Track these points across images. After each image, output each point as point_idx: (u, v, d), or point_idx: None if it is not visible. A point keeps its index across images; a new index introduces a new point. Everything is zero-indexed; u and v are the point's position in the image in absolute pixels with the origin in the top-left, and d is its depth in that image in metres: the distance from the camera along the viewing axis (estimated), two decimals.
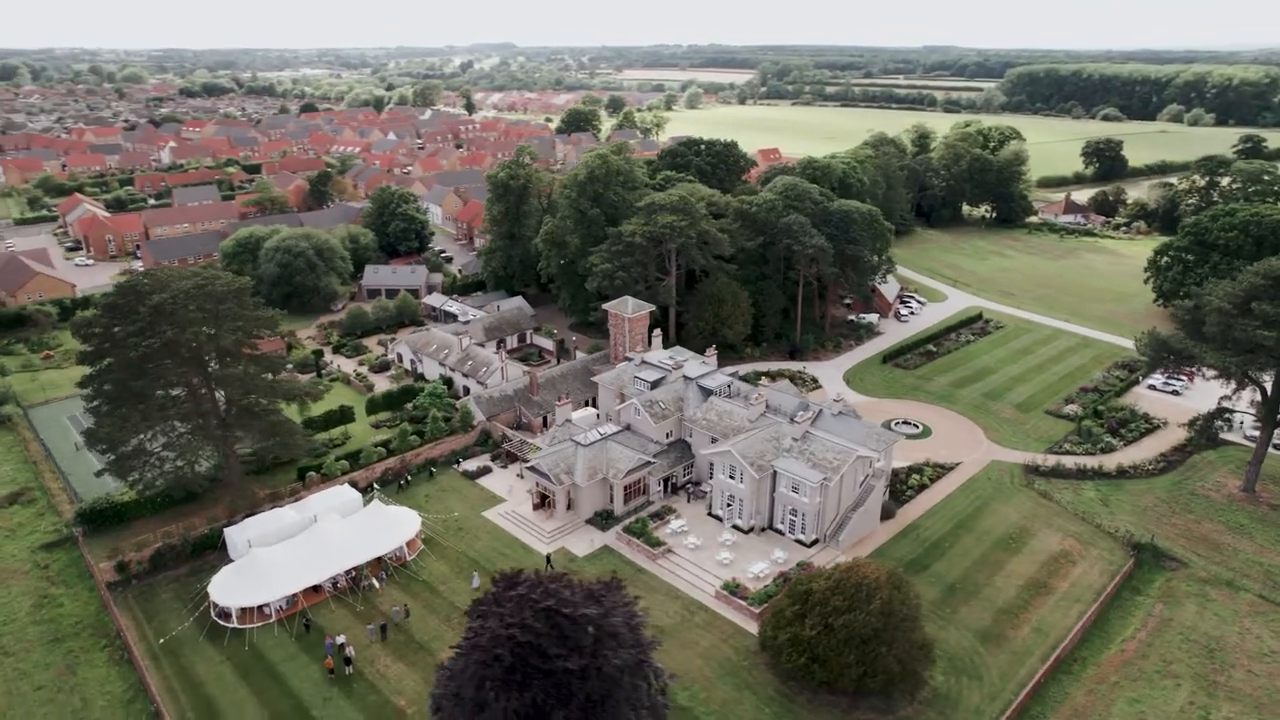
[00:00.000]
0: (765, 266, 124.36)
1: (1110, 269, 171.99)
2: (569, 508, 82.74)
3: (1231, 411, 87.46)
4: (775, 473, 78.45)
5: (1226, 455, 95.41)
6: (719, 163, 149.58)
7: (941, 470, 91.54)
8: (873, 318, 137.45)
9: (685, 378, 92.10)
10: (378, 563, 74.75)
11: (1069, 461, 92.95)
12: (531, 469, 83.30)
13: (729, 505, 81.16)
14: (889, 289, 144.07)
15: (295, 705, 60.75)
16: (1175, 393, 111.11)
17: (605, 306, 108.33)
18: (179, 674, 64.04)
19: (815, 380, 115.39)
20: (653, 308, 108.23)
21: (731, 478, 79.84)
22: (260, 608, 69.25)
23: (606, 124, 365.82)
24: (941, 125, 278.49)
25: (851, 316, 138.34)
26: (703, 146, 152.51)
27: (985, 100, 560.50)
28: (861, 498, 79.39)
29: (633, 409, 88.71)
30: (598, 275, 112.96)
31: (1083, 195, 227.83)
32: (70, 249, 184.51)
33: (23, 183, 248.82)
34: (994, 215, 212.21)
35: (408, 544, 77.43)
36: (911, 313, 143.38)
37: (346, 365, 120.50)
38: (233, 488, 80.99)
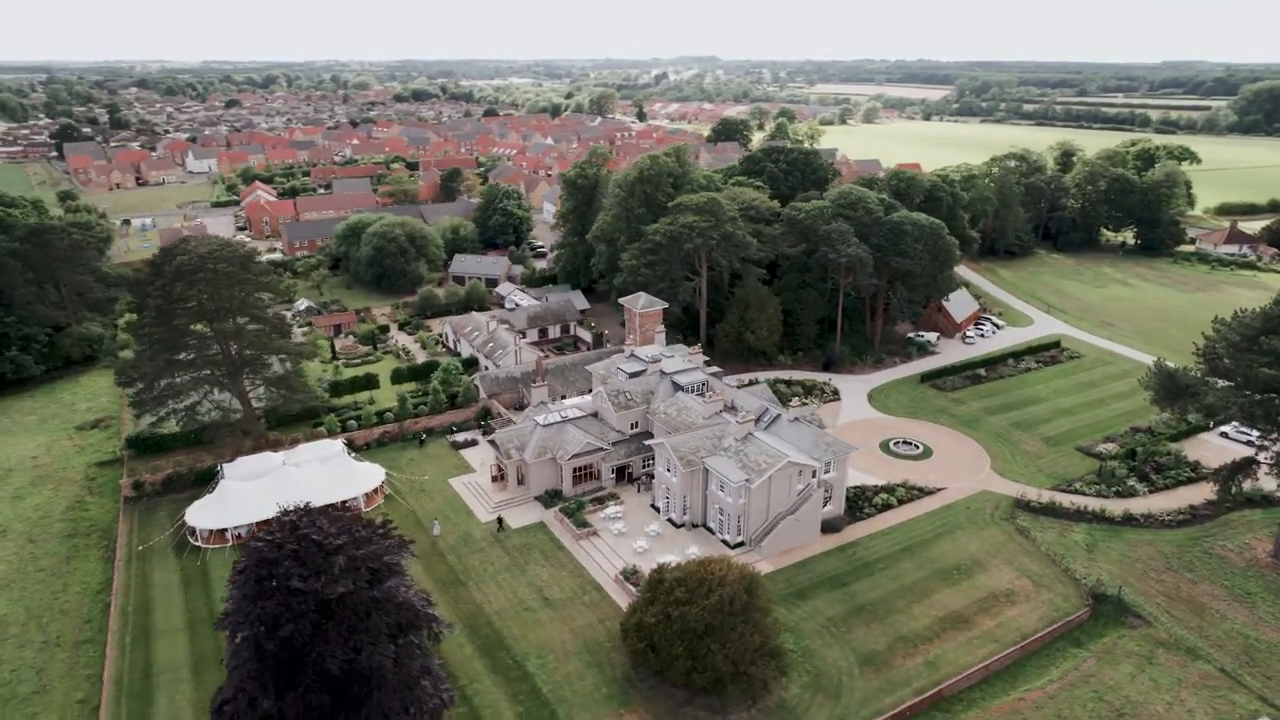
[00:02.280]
0: (808, 274, 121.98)
1: (1252, 305, 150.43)
2: (520, 482, 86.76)
3: (1258, 463, 76.22)
4: (706, 470, 78.23)
5: (1275, 516, 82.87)
6: (793, 170, 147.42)
7: (918, 493, 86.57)
8: (931, 336, 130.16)
9: (661, 372, 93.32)
10: (331, 508, 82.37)
11: (1068, 500, 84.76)
12: (491, 443, 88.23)
13: (667, 499, 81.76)
14: (959, 308, 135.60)
15: (210, 614, 69.10)
16: (1252, 444, 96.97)
17: (621, 301, 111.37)
18: (139, 576, 74.82)
19: (836, 393, 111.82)
20: (665, 305, 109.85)
21: (668, 471, 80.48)
22: (221, 531, 79.06)
23: (759, 134, 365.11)
24: (1112, 144, 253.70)
25: (910, 334, 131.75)
26: (780, 154, 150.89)
27: (1208, 120, 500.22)
28: (795, 506, 77.26)
29: (601, 397, 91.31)
30: (623, 271, 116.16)
31: (1257, 224, 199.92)
32: (239, 228, 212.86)
33: (230, 172, 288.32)
34: (1137, 242, 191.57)
35: (367, 496, 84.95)
36: (982, 335, 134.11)
37: (405, 340, 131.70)
38: (240, 431, 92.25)
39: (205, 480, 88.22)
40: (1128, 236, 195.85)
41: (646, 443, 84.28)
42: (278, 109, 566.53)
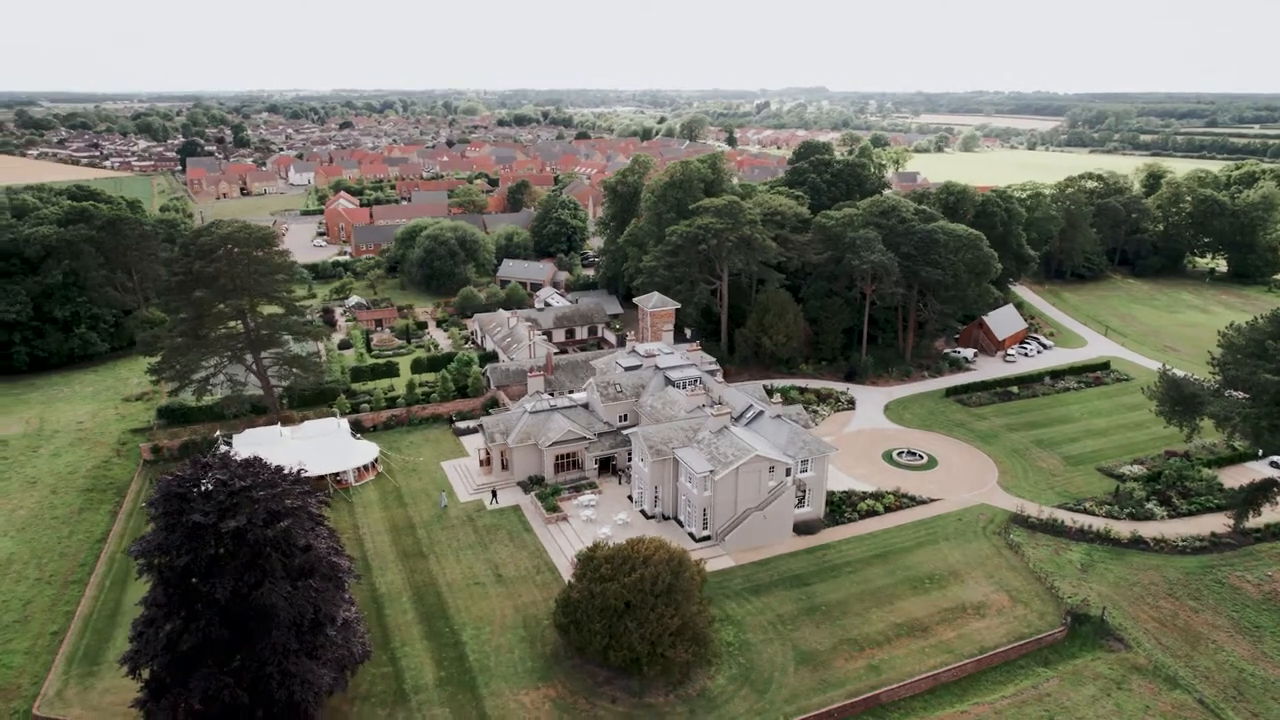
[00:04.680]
0: (834, 283, 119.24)
1: None
2: (504, 467, 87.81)
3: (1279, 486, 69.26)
4: (677, 461, 77.20)
5: None
6: (836, 181, 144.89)
7: (909, 501, 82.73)
8: (968, 352, 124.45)
9: (655, 367, 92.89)
10: (320, 479, 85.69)
11: (1071, 519, 79.18)
12: (478, 426, 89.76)
13: (640, 490, 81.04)
14: (1003, 325, 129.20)
15: None
16: None
17: (635, 300, 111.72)
18: (135, 528, 79.52)
19: (852, 402, 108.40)
20: (678, 305, 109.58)
21: (641, 461, 79.85)
22: None
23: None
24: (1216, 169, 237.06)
25: (947, 350, 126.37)
26: (825, 166, 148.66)
27: None
28: (764, 502, 75.14)
29: (591, 388, 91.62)
30: (643, 272, 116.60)
31: None
32: (319, 233, 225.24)
33: (325, 184, 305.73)
34: (1228, 268, 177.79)
35: (358, 471, 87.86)
36: (1025, 354, 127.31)
37: (439, 336, 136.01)
38: (250, 405, 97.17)
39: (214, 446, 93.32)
40: (1218, 263, 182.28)
41: (624, 432, 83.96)
42: (387, 131, 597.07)
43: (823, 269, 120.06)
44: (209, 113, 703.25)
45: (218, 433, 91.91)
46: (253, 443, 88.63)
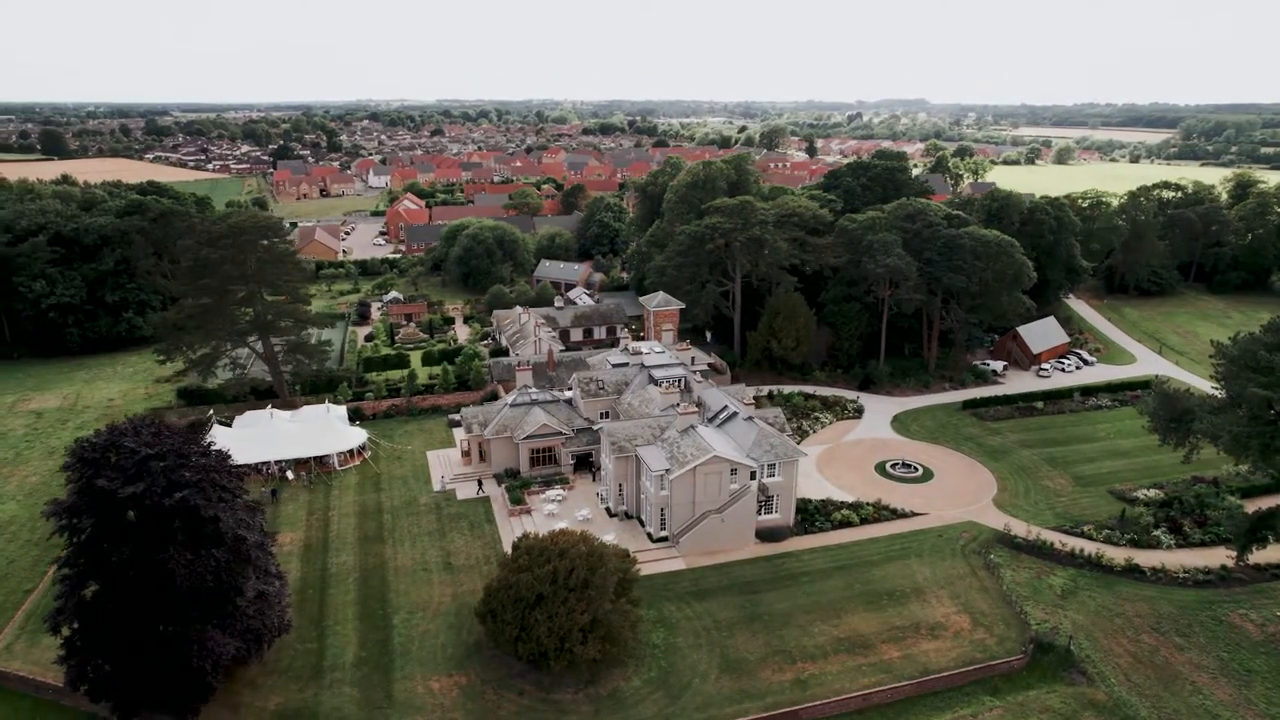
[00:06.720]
0: (852, 288, 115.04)
1: None
2: (481, 458, 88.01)
3: None
4: (639, 459, 75.56)
5: None
6: (873, 185, 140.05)
7: (889, 514, 78.55)
8: (997, 365, 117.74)
9: (641, 365, 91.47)
10: (304, 463, 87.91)
11: (1062, 541, 73.54)
12: (459, 417, 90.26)
13: (607, 487, 79.71)
14: (1039, 338, 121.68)
15: None
16: None
17: (641, 300, 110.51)
18: None
19: (859, 411, 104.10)
20: (682, 305, 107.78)
21: (607, 458, 78.57)
22: None
23: (916, 169, 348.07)
24: None
25: (976, 362, 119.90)
26: (862, 170, 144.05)
27: None
28: (725, 505, 72.63)
29: (575, 384, 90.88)
30: (652, 272, 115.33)
31: None
32: (381, 233, 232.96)
33: (399, 187, 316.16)
34: None
35: (342, 455, 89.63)
36: (1062, 369, 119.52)
37: (463, 332, 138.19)
38: (250, 389, 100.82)
39: (222, 427, 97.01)
40: None
41: (594, 428, 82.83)
42: (475, 138, 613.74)
43: (842, 273, 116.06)
44: (312, 120, 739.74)
45: (210, 413, 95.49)
46: (247, 424, 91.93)
